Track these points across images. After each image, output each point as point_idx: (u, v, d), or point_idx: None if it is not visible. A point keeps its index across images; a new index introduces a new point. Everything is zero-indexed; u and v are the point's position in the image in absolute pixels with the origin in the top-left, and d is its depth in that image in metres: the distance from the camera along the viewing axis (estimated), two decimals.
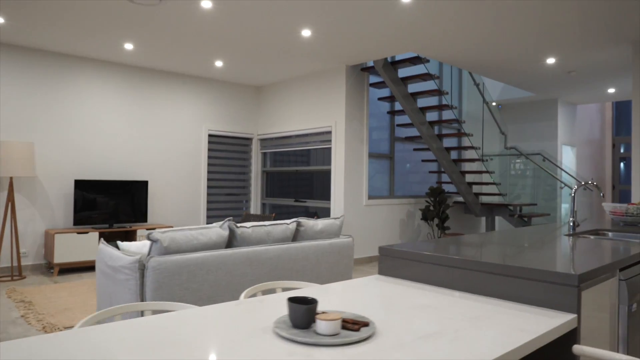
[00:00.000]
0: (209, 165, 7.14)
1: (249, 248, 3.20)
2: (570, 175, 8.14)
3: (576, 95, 8.17)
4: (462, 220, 8.13)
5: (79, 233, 5.46)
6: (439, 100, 7.63)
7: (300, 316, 1.20)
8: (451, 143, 8.36)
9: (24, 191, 5.51)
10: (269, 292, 2.55)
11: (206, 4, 4.08)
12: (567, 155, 9.18)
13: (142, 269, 2.82)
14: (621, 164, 10.76)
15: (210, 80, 7.13)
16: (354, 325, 1.20)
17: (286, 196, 7.30)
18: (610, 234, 2.86)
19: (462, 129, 7.24)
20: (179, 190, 6.79)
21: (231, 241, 3.28)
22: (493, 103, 8.99)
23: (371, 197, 6.53)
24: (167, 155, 6.68)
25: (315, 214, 6.86)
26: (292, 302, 1.23)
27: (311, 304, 1.25)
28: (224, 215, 7.33)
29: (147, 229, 5.96)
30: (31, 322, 3.60)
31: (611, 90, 7.72)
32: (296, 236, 3.63)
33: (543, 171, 8.15)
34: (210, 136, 7.17)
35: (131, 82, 6.34)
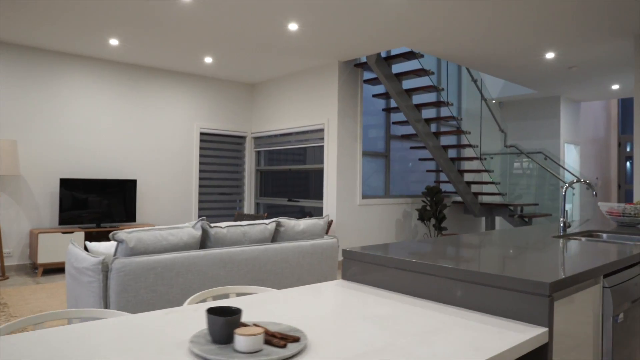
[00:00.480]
0: (201, 164, 7.00)
1: (222, 249, 3.04)
2: (573, 174, 7.90)
3: (579, 92, 7.94)
4: (462, 221, 7.92)
5: (63, 233, 5.34)
6: (437, 97, 7.43)
7: (219, 330, 1.04)
8: (450, 141, 8.16)
9: (8, 190, 5.40)
10: (222, 297, 2.39)
11: None
12: (571, 154, 8.94)
13: (106, 271, 2.67)
14: (627, 163, 10.49)
15: (202, 78, 6.99)
16: (280, 340, 1.04)
17: (281, 195, 7.15)
18: (604, 236, 2.68)
19: (460, 126, 7.05)
20: (169, 189, 6.66)
21: (205, 242, 3.13)
22: (493, 101, 8.78)
23: (365, 197, 6.36)
24: (157, 153, 6.54)
25: (309, 213, 6.69)
26: (211, 314, 1.07)
27: (234, 314, 1.09)
28: (216, 215, 7.19)
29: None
30: None
31: (615, 87, 7.49)
32: (276, 237, 3.47)
33: (545, 170, 7.93)
34: (203, 134, 7.03)
35: (119, 79, 6.21)
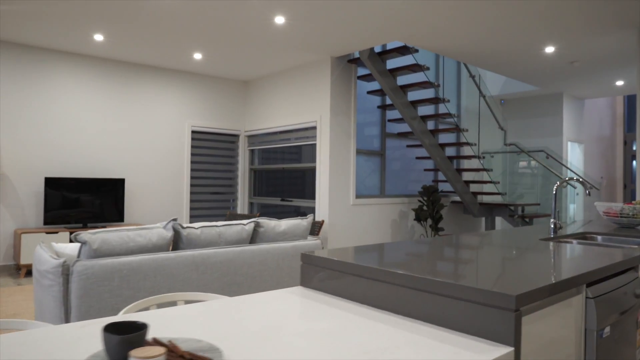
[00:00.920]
0: (192, 162, 6.85)
1: (194, 251, 2.89)
2: (576, 174, 7.67)
3: (582, 88, 7.71)
4: (461, 221, 7.72)
5: (48, 233, 5.21)
6: (435, 93, 7.24)
7: (113, 349, 0.87)
8: (448, 139, 7.96)
9: None
10: (169, 305, 2.23)
11: None
12: (575, 152, 8.71)
13: (67, 274, 2.52)
14: (633, 162, 10.22)
15: (192, 74, 6.85)
16: None
17: (275, 195, 6.99)
18: (599, 238, 2.49)
19: (459, 123, 6.85)
20: (160, 189, 6.52)
21: (177, 244, 2.98)
22: (501, 100, 8.56)
23: (359, 196, 6.18)
24: (146, 152, 6.41)
25: (303, 213, 6.53)
26: (108, 331, 0.91)
27: (138, 331, 0.93)
28: (208, 215, 7.05)
29: None
30: None
31: (619, 83, 7.25)
32: (255, 238, 3.31)
33: (549, 169, 7.70)
34: (194, 132, 6.88)
35: (106, 75, 6.08)
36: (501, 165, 8.65)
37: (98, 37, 5.15)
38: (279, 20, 4.48)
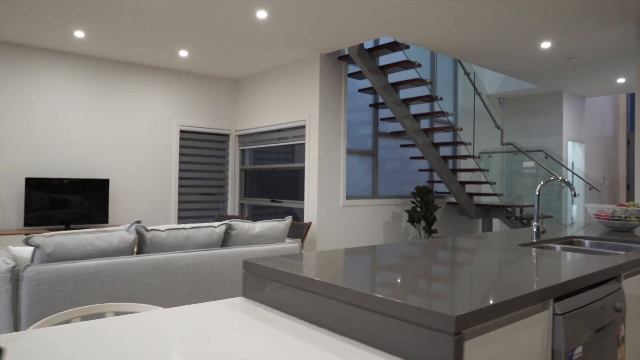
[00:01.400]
0: (181, 162, 6.71)
1: (158, 255, 2.73)
2: (576, 174, 7.47)
3: (582, 86, 7.50)
4: (457, 223, 7.53)
5: (27, 235, 5.07)
6: (430, 91, 7.06)
7: None
8: (443, 138, 7.77)
9: None
10: (95, 317, 2.06)
11: None
12: (575, 152, 8.49)
13: (17, 280, 2.37)
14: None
15: (179, 72, 6.70)
16: None
17: (266, 196, 6.83)
18: (586, 243, 2.31)
19: (455, 123, 6.66)
20: (146, 189, 6.38)
21: (142, 247, 2.82)
22: (499, 99, 8.36)
23: (350, 197, 6.01)
24: (132, 151, 6.26)
25: (294, 215, 6.36)
26: None
27: None
28: (197, 216, 6.90)
29: None
30: None
31: (621, 81, 7.04)
32: (227, 241, 3.14)
33: (546, 170, 7.49)
34: (183, 132, 6.74)
35: (89, 73, 5.94)
36: (499, 165, 8.45)
37: (79, 34, 5.01)
38: (261, 14, 4.32)
